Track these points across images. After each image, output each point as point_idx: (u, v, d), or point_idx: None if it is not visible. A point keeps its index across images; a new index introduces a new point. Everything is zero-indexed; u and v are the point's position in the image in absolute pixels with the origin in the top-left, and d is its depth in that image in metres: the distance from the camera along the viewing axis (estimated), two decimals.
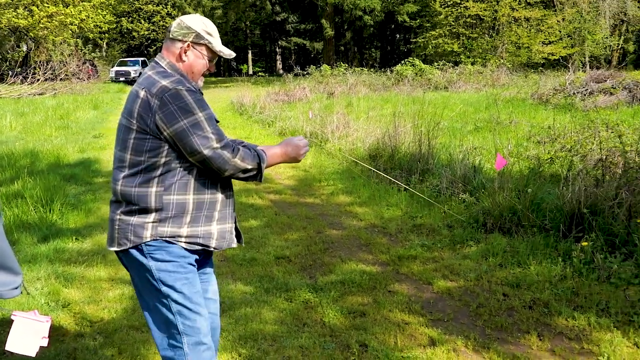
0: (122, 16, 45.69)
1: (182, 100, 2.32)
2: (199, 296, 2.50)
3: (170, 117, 2.31)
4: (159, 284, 2.42)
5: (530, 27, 31.89)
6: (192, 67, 2.51)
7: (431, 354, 3.44)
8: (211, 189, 2.46)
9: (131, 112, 2.38)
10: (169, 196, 2.38)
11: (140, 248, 2.41)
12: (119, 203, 2.45)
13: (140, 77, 2.48)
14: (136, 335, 3.75)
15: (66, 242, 5.65)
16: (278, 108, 16.45)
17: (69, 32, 33.54)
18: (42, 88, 25.59)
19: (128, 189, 2.39)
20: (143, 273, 2.44)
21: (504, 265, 4.81)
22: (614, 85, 14.75)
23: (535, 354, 3.43)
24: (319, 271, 4.88)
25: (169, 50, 2.51)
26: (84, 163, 9.86)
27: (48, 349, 3.53)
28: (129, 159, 2.39)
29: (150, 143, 2.35)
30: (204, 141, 2.32)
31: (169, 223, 2.39)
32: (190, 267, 2.47)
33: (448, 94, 20.13)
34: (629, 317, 3.78)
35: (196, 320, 2.46)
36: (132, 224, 2.40)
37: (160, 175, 2.38)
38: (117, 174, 2.45)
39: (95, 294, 4.46)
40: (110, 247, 2.49)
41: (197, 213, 2.43)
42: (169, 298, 2.42)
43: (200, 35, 2.49)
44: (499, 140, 8.70)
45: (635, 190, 4.98)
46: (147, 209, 2.38)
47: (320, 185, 8.15)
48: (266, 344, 3.60)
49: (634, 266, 4.39)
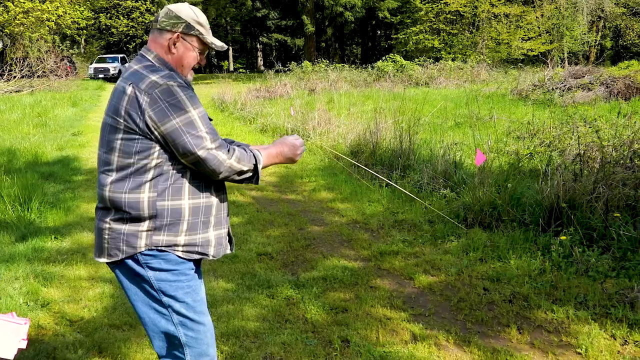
0: (100, 12, 45.13)
1: (173, 96, 2.15)
2: (203, 304, 2.36)
3: (162, 115, 2.13)
4: (159, 294, 2.26)
5: (509, 24, 32.18)
6: (181, 60, 2.34)
7: (413, 348, 3.46)
8: (206, 193, 2.29)
9: (117, 110, 2.19)
10: (163, 202, 2.20)
11: (135, 258, 2.23)
12: (107, 210, 2.26)
13: (126, 72, 2.29)
14: (117, 334, 3.72)
15: (45, 241, 5.59)
16: (259, 105, 16.42)
17: (45, 28, 33.10)
18: (19, 85, 25.23)
19: (117, 195, 2.20)
20: (140, 284, 2.27)
21: (484, 259, 4.86)
22: (592, 81, 14.94)
23: (515, 347, 3.46)
24: (300, 267, 4.89)
25: (156, 41, 2.32)
26: (63, 161, 9.74)
27: (27, 349, 3.49)
28: (116, 162, 2.21)
29: (140, 144, 2.17)
30: (197, 141, 2.15)
31: (165, 231, 2.22)
32: (192, 274, 2.31)
33: (429, 90, 20.21)
34: (606, 310, 3.84)
35: (199, 331, 2.32)
36: (123, 233, 2.21)
37: (152, 179, 2.20)
38: (103, 178, 2.25)
39: (75, 292, 4.42)
40: (99, 258, 2.30)
41: (194, 219, 2.26)
42: (170, 309, 2.27)
43: (191, 25, 2.31)
44: (479, 136, 8.77)
45: (612, 184, 5.06)
46: (140, 217, 2.19)
47: (302, 182, 8.16)
48: (248, 341, 3.60)
49: (611, 259, 4.46)
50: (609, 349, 3.39)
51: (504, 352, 3.39)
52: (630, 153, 5.51)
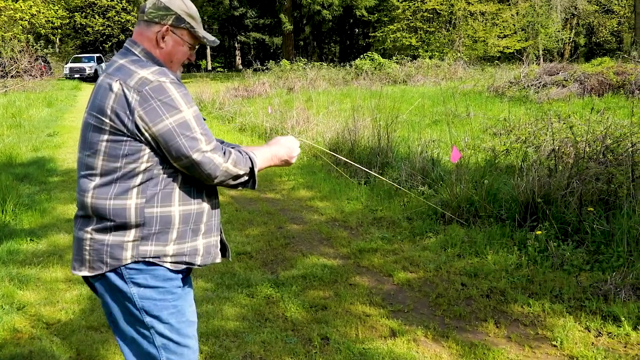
0: (75, 11, 44.62)
1: (166, 94, 1.97)
2: (188, 325, 2.17)
3: (153, 114, 1.95)
4: (142, 314, 2.06)
5: (485, 21, 32.45)
6: (171, 55, 2.15)
7: (392, 344, 3.48)
8: (197, 199, 2.12)
9: (102, 109, 1.99)
10: (152, 209, 2.02)
11: (119, 272, 2.04)
12: (87, 218, 2.06)
13: (110, 67, 2.09)
14: (95, 336, 3.69)
15: (20, 243, 5.51)
16: (238, 104, 16.36)
17: (19, 27, 32.65)
18: None
19: (101, 202, 2.01)
20: (122, 301, 2.08)
21: (462, 255, 4.90)
22: (566, 78, 15.10)
23: (492, 341, 3.50)
24: (280, 266, 4.88)
25: (143, 34, 2.12)
26: (38, 162, 9.61)
27: (3, 352, 3.45)
28: (100, 166, 2.01)
29: (128, 146, 1.98)
30: (192, 143, 1.98)
31: (153, 241, 2.04)
32: (179, 292, 2.13)
33: (406, 87, 20.31)
34: (581, 303, 3.90)
35: (183, 355, 2.14)
36: (107, 244, 2.02)
37: (141, 184, 2.01)
38: (85, 183, 2.05)
39: (51, 295, 4.36)
40: (79, 272, 2.09)
41: (184, 227, 2.08)
42: (152, 330, 2.08)
43: (181, 17, 2.12)
44: (456, 133, 8.85)
45: (586, 179, 5.13)
46: (126, 225, 2.01)
47: (281, 181, 8.15)
48: (228, 340, 3.59)
49: (585, 253, 4.53)
50: (584, 341, 3.45)
51: (482, 346, 3.42)
52: (602, 148, 5.59)
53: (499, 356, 3.30)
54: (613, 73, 14.24)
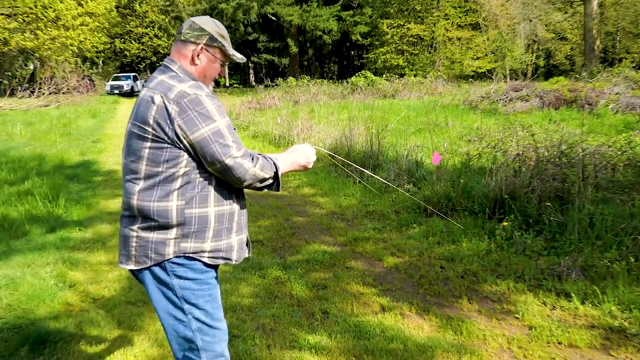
0: (115, 37, 44.56)
1: (202, 106, 1.90)
2: (220, 310, 2.11)
3: (191, 124, 1.88)
4: (182, 301, 2.01)
5: (461, 45, 32.33)
6: (204, 71, 2.08)
7: (382, 318, 3.50)
8: (229, 200, 2.04)
9: (145, 120, 1.91)
10: (191, 210, 1.95)
11: (162, 266, 1.99)
12: (133, 218, 1.99)
13: (150, 82, 2.01)
14: (133, 309, 3.71)
15: (70, 232, 5.54)
16: (251, 114, 16.32)
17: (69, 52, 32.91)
18: (47, 101, 25.04)
19: (146, 204, 1.94)
20: (164, 290, 2.03)
21: (441, 243, 4.91)
22: (528, 94, 15.06)
23: (466, 315, 3.53)
24: (287, 252, 4.90)
25: (180, 52, 2.05)
26: (85, 164, 9.63)
27: (58, 322, 3.48)
28: (144, 170, 1.94)
29: (169, 152, 1.91)
30: (225, 150, 1.90)
31: (192, 238, 1.97)
32: (213, 282, 2.08)
33: (394, 101, 20.27)
34: (539, 282, 3.92)
35: (215, 336, 2.08)
36: (152, 241, 1.96)
37: (180, 187, 1.94)
38: (130, 187, 1.98)
39: (96, 275, 4.40)
40: (126, 265, 2.03)
41: (219, 226, 2.02)
42: (190, 315, 2.02)
43: (214, 37, 2.05)
44: (436, 139, 8.84)
45: (544, 179, 5.13)
46: (168, 225, 1.94)
47: (287, 180, 8.16)
48: (243, 314, 3.61)
49: (543, 241, 4.54)
50: (541, 313, 3.47)
51: (457, 318, 3.45)
52: (558, 153, 5.59)
53: (471, 327, 3.32)
54: (567, 90, 14.23)
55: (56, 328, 3.40)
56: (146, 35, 46.01)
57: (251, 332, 3.33)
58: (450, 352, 3.04)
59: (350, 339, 3.21)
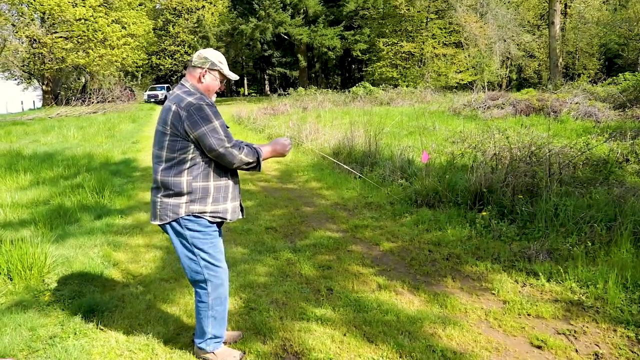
0: (152, 54, 44.63)
1: (203, 112, 2.29)
2: (221, 253, 2.52)
3: (195, 124, 2.28)
4: (192, 247, 2.42)
5: (446, 61, 32.10)
6: (208, 87, 2.47)
7: (378, 294, 3.49)
8: (225, 177, 2.43)
9: (165, 121, 2.34)
10: (197, 183, 2.35)
11: (178, 221, 2.39)
12: (158, 189, 2.41)
13: (171, 95, 2.43)
14: (166, 285, 3.72)
15: (114, 219, 5.56)
16: (266, 119, 16.30)
17: (114, 67, 33.29)
18: (95, 108, 25.23)
19: (166, 179, 2.35)
20: (180, 239, 2.43)
21: (429, 230, 4.89)
22: (504, 102, 14.98)
23: (450, 291, 3.51)
24: (297, 237, 4.89)
25: (191, 74, 2.46)
26: (126, 162, 9.67)
27: (104, 295, 3.49)
28: (165, 156, 2.35)
29: (180, 143, 2.31)
30: (219, 142, 2.29)
31: (197, 203, 2.37)
32: (215, 234, 2.46)
33: (389, 108, 20.17)
34: (512, 263, 3.90)
35: (217, 271, 2.49)
36: (170, 204, 2.38)
37: (189, 167, 2.34)
38: (156, 167, 2.41)
39: (135, 256, 4.41)
40: (153, 221, 2.45)
41: (217, 195, 2.40)
42: (199, 256, 2.44)
43: (214, 63, 2.46)
44: (425, 141, 8.79)
45: (517, 175, 5.10)
46: (181, 193, 2.35)
47: (297, 175, 8.15)
48: (259, 290, 3.61)
49: (516, 228, 4.52)
50: (513, 290, 3.45)
51: (442, 294, 3.43)
52: (529, 153, 5.55)
53: (454, 301, 3.30)
54: (536, 100, 14.17)
55: (103, 300, 3.42)
56: (178, 52, 46.03)
57: (266, 306, 3.32)
58: (437, 323, 3.03)
59: (351, 312, 3.20)
